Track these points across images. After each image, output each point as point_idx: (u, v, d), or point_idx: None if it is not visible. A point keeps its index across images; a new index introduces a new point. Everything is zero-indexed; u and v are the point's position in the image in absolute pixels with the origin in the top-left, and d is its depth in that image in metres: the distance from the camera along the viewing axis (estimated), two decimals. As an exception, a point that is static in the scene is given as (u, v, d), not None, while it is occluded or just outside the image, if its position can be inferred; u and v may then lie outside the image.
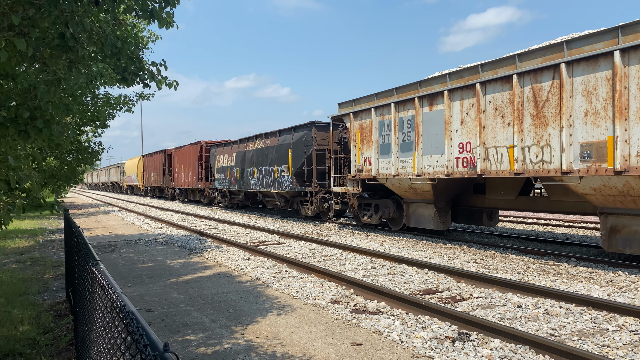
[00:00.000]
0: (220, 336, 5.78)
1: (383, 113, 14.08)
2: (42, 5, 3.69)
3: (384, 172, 14.05)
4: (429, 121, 12.38)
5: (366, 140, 14.86)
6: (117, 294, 1.88)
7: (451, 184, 12.63)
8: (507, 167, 10.27)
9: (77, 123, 12.38)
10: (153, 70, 5.08)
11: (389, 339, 5.56)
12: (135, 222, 21.51)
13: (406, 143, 13.19)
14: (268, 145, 21.84)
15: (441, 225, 13.25)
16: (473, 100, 11.08)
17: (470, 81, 11.09)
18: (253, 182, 23.19)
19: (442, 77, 12.11)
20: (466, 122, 11.26)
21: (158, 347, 1.24)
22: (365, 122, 14.88)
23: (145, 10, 4.26)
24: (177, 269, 10.16)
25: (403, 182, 13.44)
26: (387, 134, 13.87)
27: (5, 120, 4.38)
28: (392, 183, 13.92)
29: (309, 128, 18.83)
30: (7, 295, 7.97)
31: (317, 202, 18.59)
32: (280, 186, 20.44)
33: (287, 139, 20.20)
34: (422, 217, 13.57)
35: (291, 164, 19.48)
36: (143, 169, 47.06)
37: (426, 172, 12.46)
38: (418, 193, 13.33)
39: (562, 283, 8.01)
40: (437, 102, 12.12)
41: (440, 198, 13.14)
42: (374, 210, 15.40)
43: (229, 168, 26.44)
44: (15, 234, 17.25)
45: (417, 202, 13.72)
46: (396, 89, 13.58)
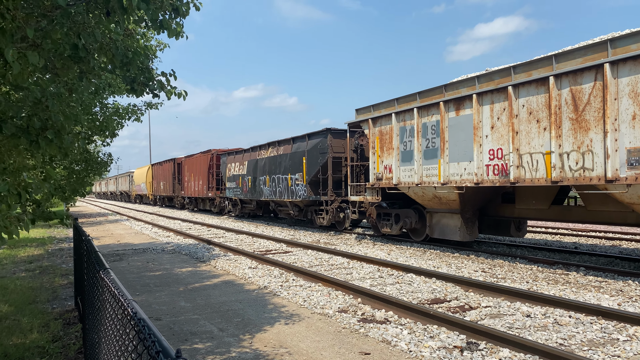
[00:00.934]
0: (228, 345, 5.78)
1: (404, 119, 13.48)
2: (55, 17, 3.75)
3: (406, 181, 13.40)
4: (455, 127, 11.75)
5: (386, 147, 14.26)
6: (128, 301, 1.90)
7: (479, 192, 12.00)
8: (544, 175, 9.65)
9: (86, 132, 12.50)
10: (162, 81, 5.14)
11: (397, 348, 5.54)
12: (143, 230, 21.59)
13: (430, 150, 12.56)
14: (281, 153, 21.37)
15: (468, 236, 12.48)
16: (504, 104, 10.50)
17: (502, 84, 10.50)
18: (265, 190, 22.77)
19: (469, 80, 11.48)
20: (497, 128, 10.67)
21: (170, 353, 1.25)
22: (385, 128, 14.26)
23: (155, 20, 4.31)
24: (184, 277, 10.18)
25: (427, 190, 12.77)
26: (409, 140, 13.25)
27: (17, 131, 4.44)
28: (415, 192, 13.27)
29: (325, 135, 18.32)
30: (16, 304, 8.02)
31: (332, 212, 18.03)
32: (294, 195, 19.97)
33: (301, 147, 19.72)
34: (447, 228, 12.89)
35: (305, 172, 19.01)
36: (152, 178, 46.93)
37: (453, 180, 11.81)
38: (443, 202, 12.65)
39: (571, 292, 7.95)
40: (465, 107, 11.50)
41: (467, 208, 12.46)
42: (394, 220, 14.72)
43: (240, 176, 26.04)
44: (24, 243, 17.37)
45: (441, 212, 13.02)
46: (419, 94, 12.98)
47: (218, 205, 30.59)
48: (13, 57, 3.35)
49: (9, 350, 5.70)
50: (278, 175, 21.39)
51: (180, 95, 5.25)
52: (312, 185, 18.75)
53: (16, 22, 3.49)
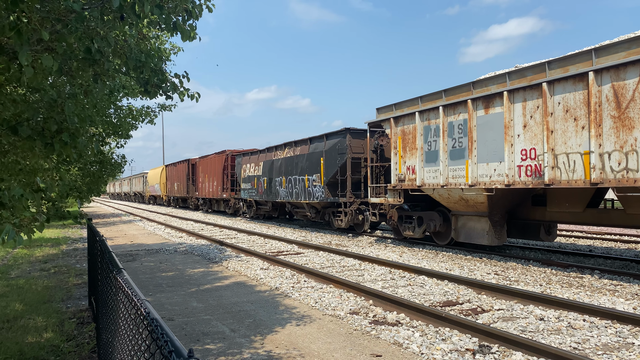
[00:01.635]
0: (239, 346, 5.81)
1: (429, 117, 12.98)
2: (69, 21, 3.81)
3: (430, 182, 12.91)
4: (484, 125, 11.26)
5: (409, 148, 13.75)
6: (141, 301, 1.93)
7: (509, 195, 11.53)
8: (582, 176, 9.12)
9: (101, 134, 12.63)
10: (175, 82, 5.19)
11: (409, 350, 5.52)
12: (156, 231, 21.75)
13: (457, 150, 12.05)
14: (298, 153, 20.95)
15: (496, 240, 11.93)
16: (538, 101, 9.96)
17: (535, 80, 9.94)
18: (281, 192, 22.40)
19: (499, 77, 11.03)
20: (530, 126, 10.16)
21: (182, 353, 1.27)
22: (408, 127, 13.75)
23: (169, 23, 4.36)
24: (197, 278, 10.24)
25: (453, 192, 12.28)
26: (434, 140, 12.75)
27: (33, 133, 4.51)
28: (440, 194, 12.75)
29: (343, 135, 17.82)
30: (32, 303, 8.12)
31: (351, 214, 17.58)
32: (311, 196, 19.52)
33: (319, 147, 19.27)
34: (473, 232, 12.37)
35: (323, 173, 18.57)
36: (166, 179, 46.96)
37: (481, 181, 11.30)
38: (470, 205, 12.16)
39: (585, 296, 7.86)
40: (495, 105, 11.00)
41: (496, 210, 11.91)
42: (416, 223, 14.17)
43: (255, 177, 25.67)
44: (40, 243, 17.59)
45: (468, 215, 12.51)
46: (445, 91, 12.50)
47: (232, 207, 30.31)
48: (27, 61, 3.41)
49: (24, 348, 5.78)
50: (295, 176, 21.02)
51: (193, 97, 5.30)
52: (330, 187, 18.37)
53: (32, 24, 3.55)
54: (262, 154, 25.18)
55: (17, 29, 3.37)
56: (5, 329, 6.67)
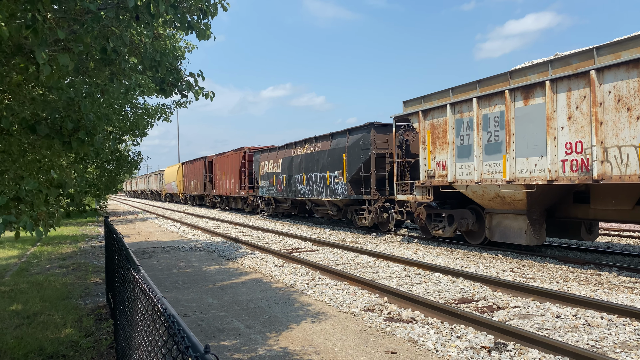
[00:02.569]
0: (255, 342, 5.85)
1: (461, 110, 12.28)
2: (85, 21, 3.86)
3: (463, 178, 12.24)
4: (523, 118, 10.60)
5: (439, 142, 13.07)
6: (158, 297, 1.95)
7: (550, 191, 10.81)
8: (636, 171, 8.48)
9: (117, 132, 12.78)
10: (190, 81, 5.22)
11: (424, 347, 5.51)
12: (172, 228, 21.95)
13: (493, 144, 11.38)
14: (319, 149, 20.38)
15: (535, 239, 11.24)
16: (585, 90, 9.29)
17: (582, 68, 9.30)
18: (302, 189, 21.87)
19: (539, 66, 10.32)
20: (575, 118, 9.50)
21: (199, 348, 1.28)
22: (438, 121, 13.06)
23: (184, 22, 4.39)
24: (212, 274, 10.31)
25: (488, 189, 11.61)
26: (467, 134, 12.07)
27: (51, 132, 4.58)
28: (474, 191, 12.09)
29: (367, 130, 17.12)
30: (51, 300, 8.26)
31: (375, 212, 16.85)
32: (332, 194, 18.99)
33: (341, 143, 18.67)
34: (509, 231, 11.66)
35: (346, 169, 18.02)
36: (183, 177, 46.90)
37: (520, 177, 10.64)
38: (506, 202, 11.49)
39: (603, 293, 7.77)
40: (535, 95, 10.30)
41: (535, 208, 11.22)
42: (447, 222, 13.49)
43: (274, 175, 25.27)
44: (58, 240, 17.86)
45: (503, 213, 11.84)
46: (479, 82, 11.83)
47: (250, 204, 29.92)
48: (44, 59, 3.46)
49: (44, 344, 5.89)
50: (315, 173, 20.53)
51: (207, 95, 5.33)
52: (353, 184, 17.81)
53: (47, 23, 3.60)
54: (281, 151, 24.75)
55: (33, 28, 3.42)
56: (26, 324, 6.80)
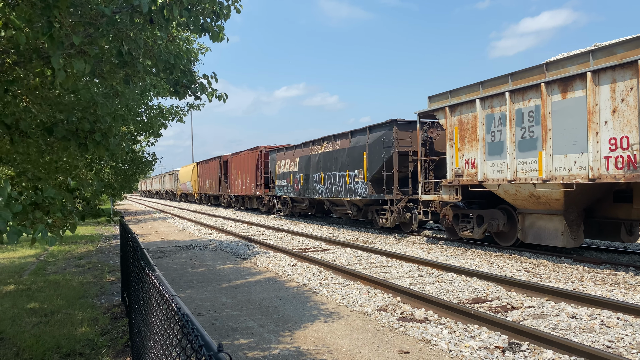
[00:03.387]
0: (268, 341, 5.89)
1: (492, 105, 11.68)
2: (100, 25, 3.92)
3: (494, 177, 11.59)
4: (561, 112, 10.00)
5: (468, 139, 12.46)
6: (173, 297, 1.99)
7: (590, 190, 10.19)
8: None
9: (132, 133, 12.92)
10: (204, 83, 5.28)
11: (437, 347, 5.51)
12: (186, 228, 22.12)
13: (527, 140, 10.75)
14: (338, 148, 19.79)
15: (572, 241, 10.64)
16: (632, 82, 8.70)
17: (628, 58, 8.75)
18: (319, 189, 21.31)
19: (580, 57, 9.76)
20: (621, 111, 8.90)
21: (212, 347, 1.31)
22: (467, 116, 12.46)
23: (197, 25, 4.44)
24: (226, 274, 10.39)
25: (522, 188, 10.99)
26: (499, 129, 11.45)
27: (67, 134, 4.66)
28: (506, 190, 11.46)
29: (389, 127, 16.47)
30: (67, 298, 8.39)
31: (398, 212, 16.15)
32: (352, 193, 18.40)
33: (361, 141, 18.07)
34: (544, 232, 11.03)
35: (366, 168, 17.44)
36: (197, 176, 46.77)
37: (558, 175, 10.03)
38: (542, 202, 10.87)
39: (619, 293, 7.69)
40: (575, 88, 9.71)
41: (572, 208, 10.60)
42: (476, 223, 12.88)
43: (291, 174, 24.71)
44: (74, 240, 18.10)
45: (537, 213, 11.21)
46: (511, 75, 11.27)
47: (266, 204, 29.43)
48: (60, 65, 3.52)
49: (61, 342, 5.99)
50: (334, 172, 19.94)
51: (220, 97, 5.38)
52: (374, 183, 17.21)
53: (64, 29, 3.66)
54: (298, 150, 24.23)
55: (50, 34, 3.49)
56: (43, 322, 6.92)
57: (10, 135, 4.68)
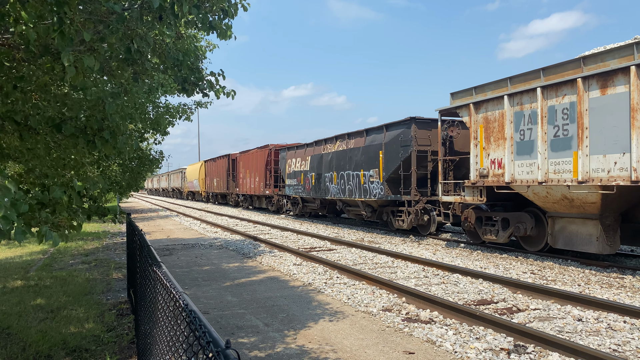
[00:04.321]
0: (273, 340, 5.89)
1: (522, 102, 11.08)
2: (110, 22, 3.93)
3: (523, 178, 11.00)
4: (600, 109, 9.38)
5: (494, 138, 11.87)
6: (180, 293, 1.99)
7: (630, 193, 9.56)
8: None
9: (139, 130, 12.96)
10: (212, 80, 5.29)
11: (442, 348, 5.49)
12: (192, 226, 22.18)
13: (560, 139, 10.12)
14: (352, 146, 19.19)
15: (608, 247, 9.98)
16: None
17: None
18: (332, 188, 20.71)
19: (621, 50, 9.21)
20: None
21: (220, 344, 1.31)
22: (493, 114, 11.88)
23: (205, 23, 4.45)
24: (231, 272, 10.41)
25: (554, 190, 10.33)
26: (529, 128, 10.86)
27: (76, 131, 4.68)
28: (536, 192, 10.82)
29: (407, 125, 15.85)
30: (74, 295, 8.43)
31: (415, 214, 15.53)
32: (367, 194, 17.80)
33: (377, 139, 17.42)
34: (577, 237, 10.39)
35: (382, 167, 16.83)
36: (205, 175, 46.34)
37: (595, 177, 9.43)
38: (575, 205, 10.22)
39: (626, 297, 7.64)
40: (615, 83, 9.08)
41: (609, 212, 9.96)
42: (500, 226, 12.27)
43: (302, 173, 24.06)
44: (81, 237, 18.19)
45: (569, 217, 10.56)
46: (543, 70, 10.65)
47: (276, 204, 28.82)
48: (70, 61, 3.53)
49: (67, 338, 6.02)
50: (348, 172, 19.33)
51: (229, 94, 5.39)
52: (390, 183, 16.59)
53: (74, 25, 3.68)
54: (310, 148, 23.61)
55: (60, 30, 3.50)
56: (50, 319, 6.96)
57: (20, 132, 4.71)
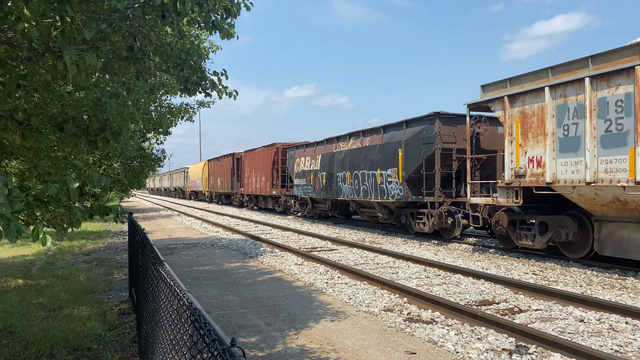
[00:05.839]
0: (274, 339, 5.89)
1: (565, 93, 10.07)
2: (113, 20, 3.93)
3: (567, 178, 9.99)
4: None
5: (532, 134, 10.84)
6: (184, 292, 1.99)
7: None
8: None
9: (141, 130, 12.98)
10: (214, 80, 5.29)
11: (444, 349, 5.48)
12: (193, 226, 22.19)
13: (613, 135, 9.12)
14: (367, 144, 18.09)
15: None
16: None
17: None
18: (345, 189, 19.69)
19: None
20: None
21: (225, 342, 1.31)
22: (531, 107, 10.86)
23: (208, 22, 4.45)
24: (233, 272, 10.41)
25: (604, 192, 9.34)
26: (575, 122, 9.86)
27: (78, 131, 4.68)
28: (582, 193, 9.77)
29: (431, 121, 14.70)
30: (75, 293, 8.44)
31: (439, 216, 14.46)
32: (384, 194, 16.71)
33: (396, 136, 16.31)
34: (629, 244, 9.45)
35: (402, 167, 15.76)
36: (208, 174, 45.53)
37: None
38: (629, 208, 9.24)
39: (628, 298, 7.62)
40: None
41: None
42: (537, 231, 11.28)
43: (311, 172, 22.97)
44: (82, 236, 18.20)
45: (620, 222, 9.64)
46: (592, 58, 9.67)
47: (283, 204, 27.72)
48: (71, 60, 3.53)
49: (69, 336, 6.02)
50: (362, 171, 18.26)
51: (231, 94, 5.39)
52: (411, 183, 15.54)
53: (75, 24, 3.68)
54: (320, 146, 22.62)
55: (62, 28, 3.50)
56: (52, 317, 6.96)
57: (22, 130, 4.71)
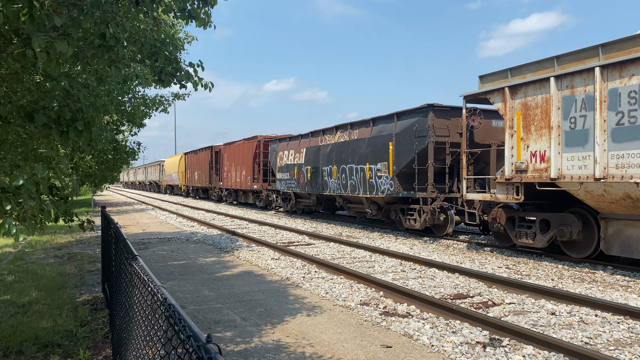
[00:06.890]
0: (250, 334, 5.85)
1: (573, 84, 9.54)
2: (85, 6, 3.81)
3: (574, 173, 9.45)
4: None
5: (535, 127, 10.31)
6: (158, 287, 1.94)
7: None
8: None
9: (115, 122, 12.72)
10: (190, 71, 5.20)
11: (419, 342, 5.53)
12: (168, 220, 21.91)
13: (625, 128, 8.64)
14: (355, 137, 17.46)
15: None
16: None
17: None
18: (331, 183, 19.04)
19: None
20: None
21: (200, 338, 1.28)
22: (535, 99, 10.31)
23: (184, 10, 4.36)
24: (208, 266, 10.31)
25: (614, 188, 8.86)
26: (582, 115, 9.35)
27: (49, 121, 4.54)
28: (590, 190, 9.30)
29: (424, 113, 14.15)
30: (46, 289, 8.24)
31: (431, 213, 13.93)
32: (374, 190, 16.18)
33: (386, 129, 15.71)
34: (639, 243, 9.03)
35: (392, 161, 15.19)
36: (185, 168, 44.43)
37: None
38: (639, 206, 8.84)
39: (597, 291, 7.81)
40: None
41: None
42: (538, 229, 10.83)
43: (295, 166, 22.34)
44: (53, 230, 17.81)
45: (628, 220, 9.21)
46: (602, 47, 9.14)
47: (264, 199, 26.89)
48: (41, 47, 3.41)
49: (39, 333, 5.87)
50: (350, 165, 17.70)
51: (206, 86, 5.30)
52: (402, 178, 15.03)
53: (45, 9, 3.55)
54: (305, 140, 21.90)
55: (30, 14, 3.37)
56: (21, 313, 6.78)
57: (-11, 121, 4.55)
